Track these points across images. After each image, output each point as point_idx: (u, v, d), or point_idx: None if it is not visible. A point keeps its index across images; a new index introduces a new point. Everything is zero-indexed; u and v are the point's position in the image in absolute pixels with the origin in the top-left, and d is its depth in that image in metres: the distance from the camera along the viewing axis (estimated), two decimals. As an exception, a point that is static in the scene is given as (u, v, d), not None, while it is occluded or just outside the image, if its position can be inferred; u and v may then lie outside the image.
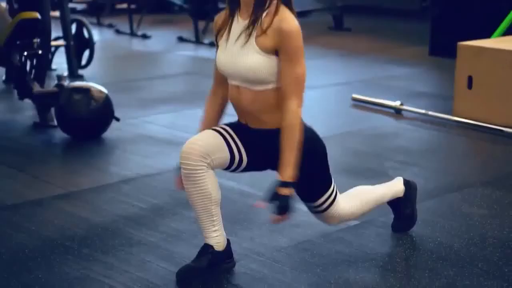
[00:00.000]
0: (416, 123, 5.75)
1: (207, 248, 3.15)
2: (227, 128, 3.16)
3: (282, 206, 3.00)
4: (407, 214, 3.64)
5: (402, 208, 3.63)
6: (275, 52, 2.98)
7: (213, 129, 3.14)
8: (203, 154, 3.01)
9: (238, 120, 3.22)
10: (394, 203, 3.64)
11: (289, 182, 2.98)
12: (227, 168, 3.15)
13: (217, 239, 3.15)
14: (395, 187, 3.62)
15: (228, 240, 3.23)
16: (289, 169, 2.97)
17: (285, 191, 2.98)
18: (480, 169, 4.77)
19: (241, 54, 3.02)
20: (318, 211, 3.33)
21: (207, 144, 3.04)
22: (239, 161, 3.13)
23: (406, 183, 3.66)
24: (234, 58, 3.04)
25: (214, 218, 3.12)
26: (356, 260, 3.40)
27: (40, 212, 3.95)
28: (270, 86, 3.02)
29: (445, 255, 3.44)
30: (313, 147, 3.17)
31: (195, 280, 3.11)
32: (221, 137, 3.10)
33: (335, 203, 3.31)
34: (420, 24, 10.24)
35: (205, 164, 3.02)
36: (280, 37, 2.95)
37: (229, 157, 3.10)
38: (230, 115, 3.29)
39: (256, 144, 3.13)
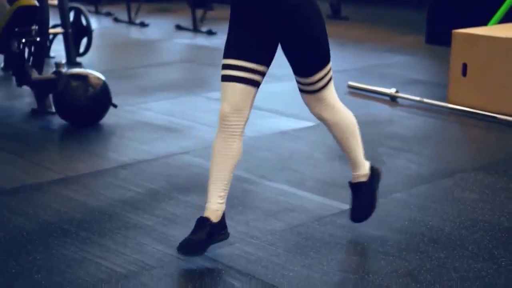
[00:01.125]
0: (411, 110, 5.80)
1: (204, 221, 3.22)
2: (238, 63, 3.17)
3: None
4: (366, 202, 3.53)
5: (362, 195, 3.52)
6: None
7: (233, 82, 3.18)
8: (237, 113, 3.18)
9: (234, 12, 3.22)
10: (355, 187, 3.56)
11: None
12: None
13: (220, 206, 3.23)
14: (362, 160, 3.58)
15: (223, 212, 3.29)
16: None
17: None
18: (473, 155, 4.83)
19: None
20: (311, 90, 3.32)
21: (236, 103, 3.17)
22: (263, 75, 3.22)
23: (373, 169, 3.61)
24: None
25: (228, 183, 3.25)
26: (348, 243, 3.46)
27: (38, 196, 4.01)
28: None
29: (436, 238, 3.50)
30: (318, 11, 3.25)
31: (196, 253, 3.20)
32: (241, 85, 3.17)
33: (329, 86, 3.36)
34: (417, 13, 10.28)
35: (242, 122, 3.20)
36: None
37: (256, 90, 3.22)
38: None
39: (258, 28, 3.16)
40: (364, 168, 3.56)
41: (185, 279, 3.09)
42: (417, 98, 5.94)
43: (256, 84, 3.21)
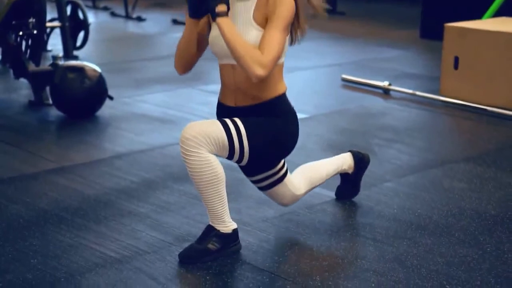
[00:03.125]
0: (404, 102, 5.88)
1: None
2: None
3: None
4: (208, 249, 3.20)
5: (212, 239, 3.21)
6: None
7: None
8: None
9: (220, 102, 3.30)
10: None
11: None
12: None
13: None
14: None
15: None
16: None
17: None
18: (463, 146, 4.91)
19: (240, 32, 3.08)
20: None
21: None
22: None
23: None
24: None
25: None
26: (338, 230, 3.54)
27: (35, 185, 4.08)
28: None
29: (424, 225, 3.58)
30: (285, 123, 3.24)
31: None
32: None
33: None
34: (413, 8, 10.35)
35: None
36: (272, 4, 3.06)
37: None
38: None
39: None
40: (225, 228, 3.22)
41: (177, 264, 3.17)
42: (410, 91, 6.02)
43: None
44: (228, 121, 3.13)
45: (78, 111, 5.36)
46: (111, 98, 5.49)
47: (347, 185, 3.84)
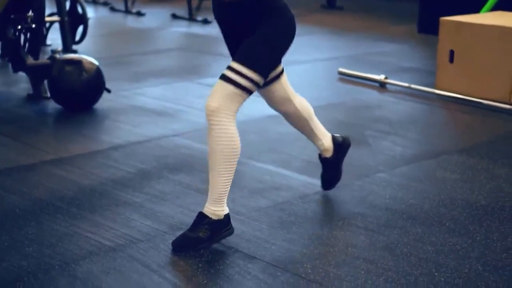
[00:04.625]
0: (399, 96, 5.92)
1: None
2: None
3: None
4: (199, 238, 3.23)
5: (202, 227, 3.25)
6: None
7: None
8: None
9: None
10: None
11: None
12: None
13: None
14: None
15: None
16: None
17: None
18: (457, 138, 4.95)
19: None
20: (230, 79, 3.17)
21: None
22: None
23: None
24: None
25: None
26: (330, 219, 3.58)
27: (32, 176, 4.13)
28: None
29: (415, 215, 3.62)
30: (283, 13, 3.23)
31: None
32: None
33: (244, 94, 3.17)
34: (410, 3, 10.37)
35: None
36: None
37: None
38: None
39: (231, 23, 3.28)
40: (220, 210, 3.27)
41: (170, 252, 3.21)
42: (405, 84, 6.06)
43: None
44: (229, 74, 3.15)
45: (76, 104, 5.40)
46: (108, 91, 5.53)
47: (329, 169, 3.85)
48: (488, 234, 3.41)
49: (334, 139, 3.83)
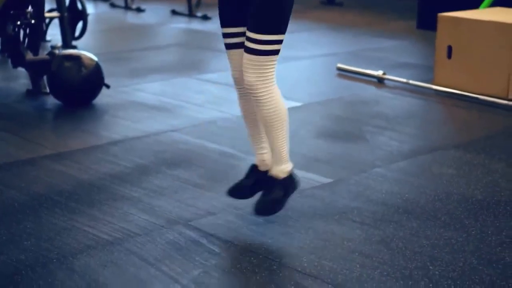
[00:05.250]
0: (397, 91, 5.94)
1: (254, 167, 3.53)
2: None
3: None
4: (275, 198, 3.40)
5: (275, 189, 3.40)
6: None
7: (230, 49, 3.39)
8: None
9: None
10: (270, 181, 3.45)
11: None
12: None
13: (263, 155, 3.52)
14: (287, 156, 3.44)
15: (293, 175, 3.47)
16: None
17: None
18: (454, 134, 4.97)
19: None
20: (255, 49, 3.20)
21: (239, 67, 3.35)
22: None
23: (294, 176, 3.48)
24: None
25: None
26: (326, 214, 3.61)
27: (30, 170, 4.16)
28: None
29: (411, 209, 3.64)
30: None
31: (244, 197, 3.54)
32: (236, 51, 3.36)
33: (272, 58, 3.22)
34: (411, -2, 10.41)
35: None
36: None
37: None
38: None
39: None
40: (287, 165, 3.42)
41: (168, 246, 3.24)
42: (404, 80, 6.08)
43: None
44: (253, 46, 3.22)
45: (75, 99, 5.43)
46: (107, 86, 5.56)
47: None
48: (483, 228, 3.44)
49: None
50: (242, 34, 3.33)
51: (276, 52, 3.25)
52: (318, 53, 7.40)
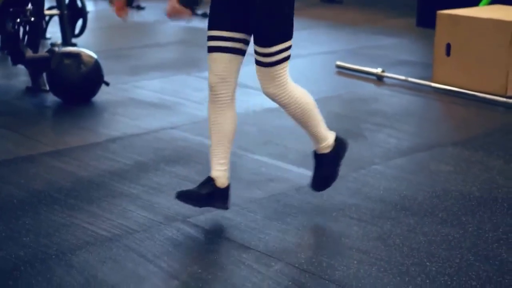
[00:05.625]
0: (396, 89, 5.96)
1: (210, 180, 3.41)
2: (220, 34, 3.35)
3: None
4: (327, 174, 3.62)
5: (324, 166, 3.60)
6: None
7: (214, 52, 3.38)
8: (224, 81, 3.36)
9: None
10: (319, 158, 3.61)
11: None
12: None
13: (221, 172, 3.42)
14: (325, 133, 3.57)
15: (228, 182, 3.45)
16: None
17: None
18: (452, 131, 4.99)
19: None
20: (267, 63, 3.26)
21: (220, 73, 3.37)
22: (244, 42, 3.36)
23: (338, 140, 3.63)
24: None
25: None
26: (324, 211, 3.62)
27: (30, 167, 4.17)
28: None
29: (408, 206, 3.66)
30: None
31: (191, 203, 3.43)
32: (222, 55, 3.35)
33: (284, 64, 3.28)
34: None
35: (229, 91, 3.38)
36: None
37: (240, 58, 3.36)
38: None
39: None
40: (327, 140, 3.57)
41: (166, 242, 3.26)
42: (402, 78, 6.10)
43: (238, 51, 3.33)
44: (263, 59, 3.27)
45: (74, 96, 5.44)
46: (107, 84, 5.57)
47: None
48: (480, 225, 3.45)
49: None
50: (230, 39, 3.31)
51: (287, 58, 3.31)
52: (317, 51, 7.41)
